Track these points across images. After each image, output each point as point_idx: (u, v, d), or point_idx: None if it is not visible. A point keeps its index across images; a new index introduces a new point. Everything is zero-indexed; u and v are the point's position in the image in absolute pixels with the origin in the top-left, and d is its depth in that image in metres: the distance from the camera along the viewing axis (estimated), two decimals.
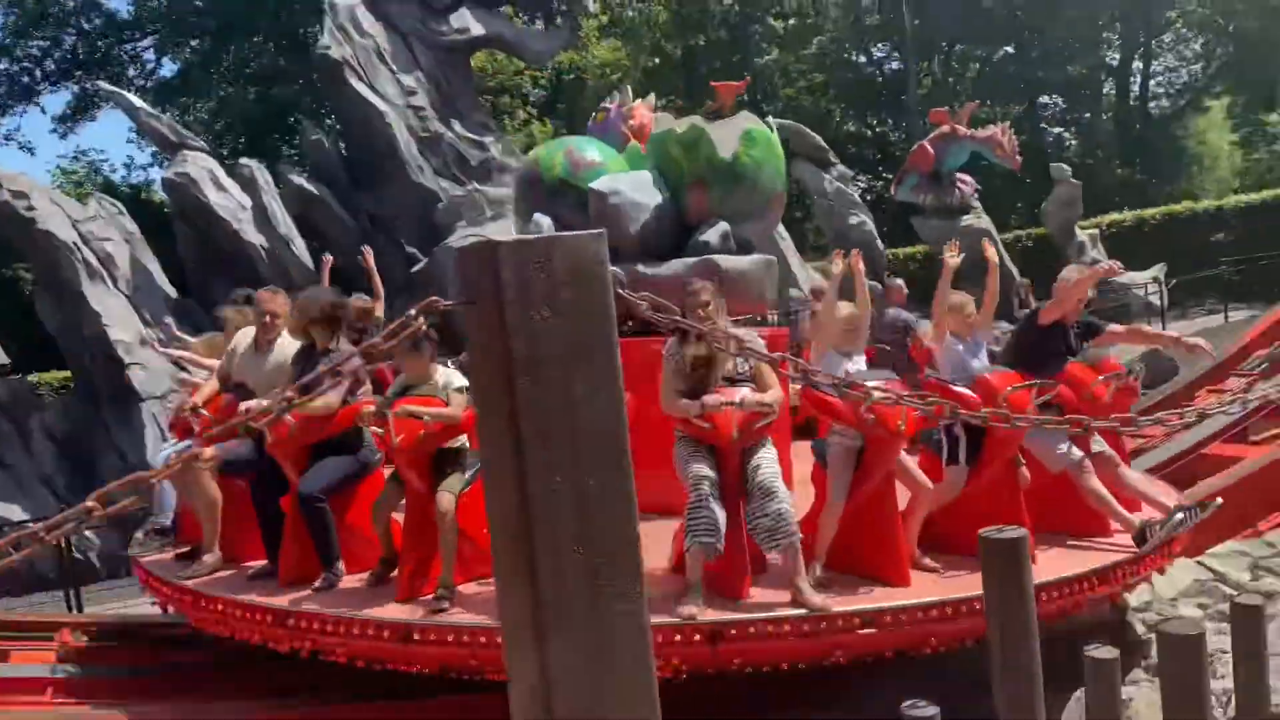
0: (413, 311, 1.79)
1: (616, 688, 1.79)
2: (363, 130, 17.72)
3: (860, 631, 4.28)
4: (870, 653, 4.43)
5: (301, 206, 17.50)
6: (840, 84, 37.12)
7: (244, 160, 18.11)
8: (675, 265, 6.69)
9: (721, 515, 4.32)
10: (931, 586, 4.60)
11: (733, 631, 4.24)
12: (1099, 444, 5.34)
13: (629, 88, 9.68)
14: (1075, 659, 2.56)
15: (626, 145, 7.91)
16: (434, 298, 1.81)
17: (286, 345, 5.57)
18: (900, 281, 9.59)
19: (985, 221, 22.01)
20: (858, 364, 4.92)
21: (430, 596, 4.73)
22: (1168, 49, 38.58)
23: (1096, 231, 23.23)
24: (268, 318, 5.66)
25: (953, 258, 5.22)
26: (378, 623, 4.59)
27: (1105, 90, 37.00)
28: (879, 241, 21.20)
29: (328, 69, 17.62)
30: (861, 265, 5.00)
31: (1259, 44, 33.19)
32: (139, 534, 6.73)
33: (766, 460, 4.48)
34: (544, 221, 7.26)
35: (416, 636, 4.48)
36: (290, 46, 27.37)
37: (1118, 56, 36.14)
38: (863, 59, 39.91)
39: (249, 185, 17.07)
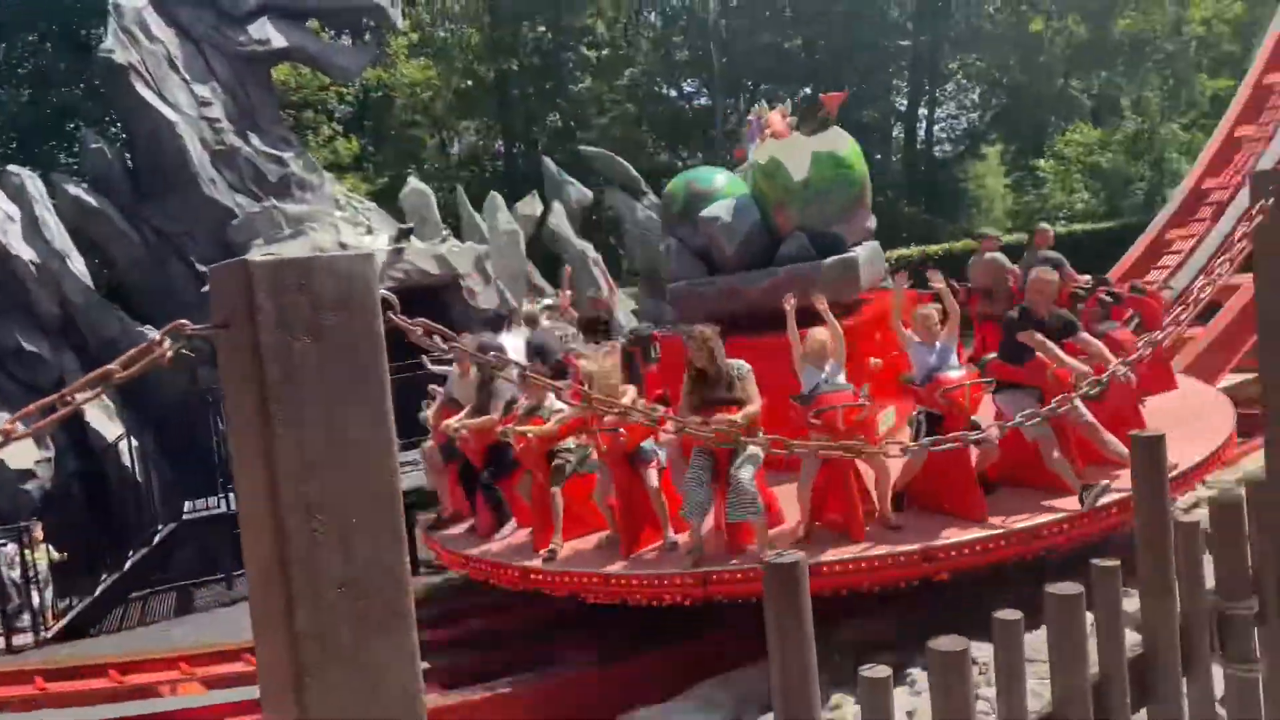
0: (157, 336, 1.64)
1: None
2: (150, 140, 16.60)
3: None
4: (820, 591, 5.48)
5: (79, 219, 16.22)
6: (652, 116, 37.94)
7: (12, 167, 16.61)
8: (762, 276, 8.26)
9: (706, 499, 6.17)
10: (881, 541, 6.11)
11: (714, 577, 6.17)
12: (1086, 413, 6.17)
13: (764, 101, 10.34)
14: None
15: None
16: (182, 321, 1.66)
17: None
18: (1046, 225, 10.96)
19: None
20: (835, 377, 6.20)
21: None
22: (950, 98, 41.68)
23: (887, 264, 24.70)
24: None
25: (892, 285, 6.82)
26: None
27: (895, 133, 39.52)
28: None
29: (112, 73, 16.42)
30: (825, 305, 6.42)
31: (1028, 97, 36.37)
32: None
33: (742, 459, 6.01)
34: (671, 244, 9.26)
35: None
36: (70, 47, 25.40)
37: (906, 102, 38.71)
38: (673, 93, 41.00)
39: (18, 194, 15.65)
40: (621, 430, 6.46)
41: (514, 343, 8.95)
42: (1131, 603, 2.32)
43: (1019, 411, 5.06)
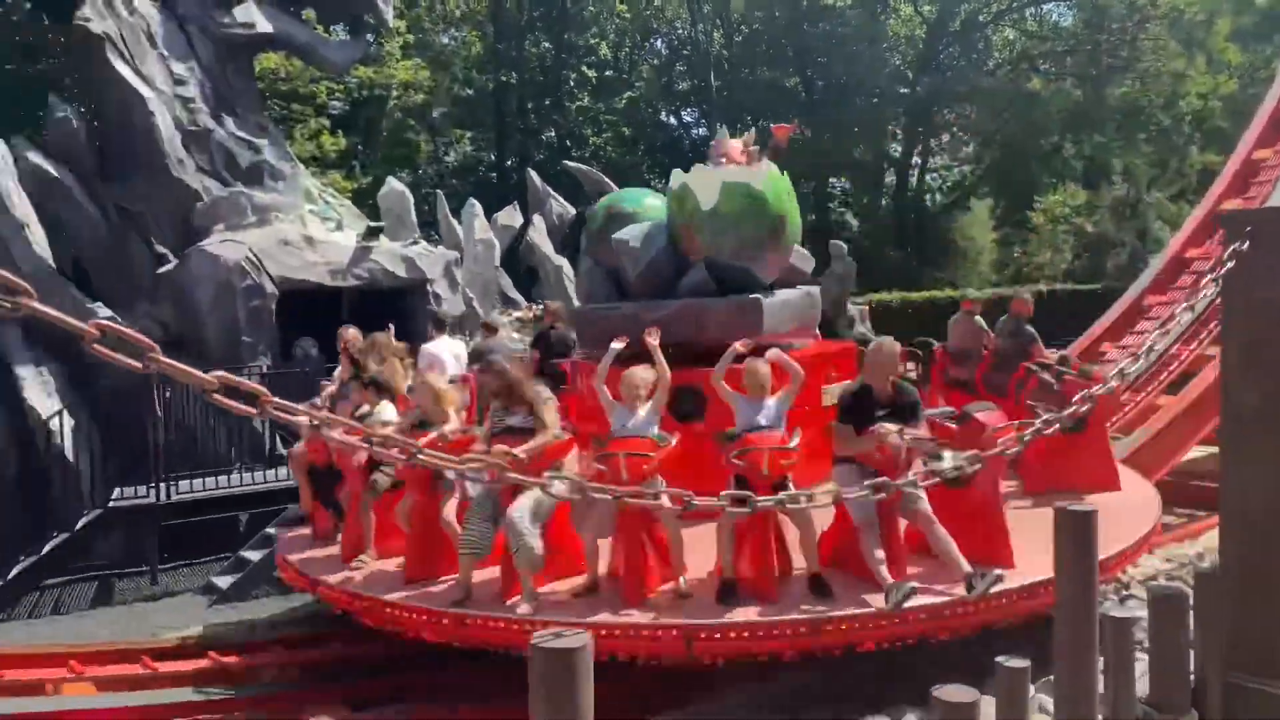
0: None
1: None
2: (120, 114, 16.06)
3: None
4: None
5: (38, 190, 15.65)
6: (649, 140, 37.76)
7: None
8: (663, 305, 7.92)
9: (480, 537, 5.90)
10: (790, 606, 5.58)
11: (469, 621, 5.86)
12: (923, 501, 5.65)
13: (723, 126, 10.60)
14: None
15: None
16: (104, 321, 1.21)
17: None
18: (1027, 295, 10.47)
19: None
20: (648, 418, 5.88)
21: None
22: (944, 148, 41.68)
23: (865, 307, 24.42)
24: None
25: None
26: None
27: (887, 179, 39.46)
28: None
29: (85, 42, 15.95)
30: (655, 340, 6.11)
31: (1020, 154, 36.43)
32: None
33: (522, 496, 5.70)
34: (587, 264, 8.98)
35: None
36: (43, 11, 24.78)
37: (900, 149, 38.66)
38: (672, 120, 40.89)
39: None
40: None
41: (455, 349, 8.69)
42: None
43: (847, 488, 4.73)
